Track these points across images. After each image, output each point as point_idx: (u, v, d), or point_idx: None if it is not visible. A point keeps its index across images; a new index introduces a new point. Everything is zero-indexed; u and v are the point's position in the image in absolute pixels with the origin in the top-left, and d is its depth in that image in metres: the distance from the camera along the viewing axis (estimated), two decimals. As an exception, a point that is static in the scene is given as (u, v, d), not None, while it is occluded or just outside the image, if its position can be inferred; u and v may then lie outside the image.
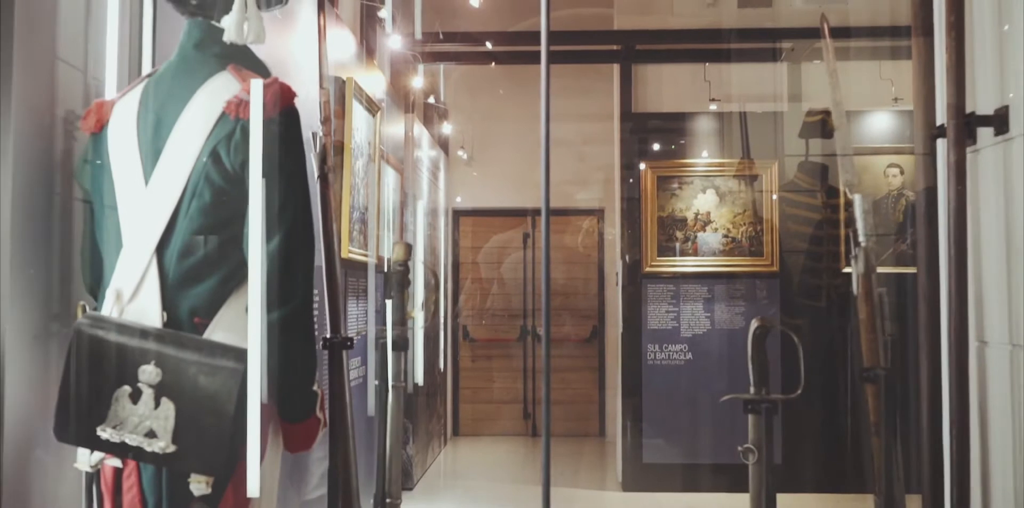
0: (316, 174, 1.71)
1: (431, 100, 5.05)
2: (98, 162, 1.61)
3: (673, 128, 4.89)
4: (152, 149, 1.56)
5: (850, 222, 1.63)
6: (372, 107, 3.82)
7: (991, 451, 1.65)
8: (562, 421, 6.10)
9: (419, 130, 5.01)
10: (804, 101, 4.56)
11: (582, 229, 6.34)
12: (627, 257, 4.87)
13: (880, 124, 4.73)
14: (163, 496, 1.48)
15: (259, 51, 1.70)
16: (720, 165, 4.80)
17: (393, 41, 4.14)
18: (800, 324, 4.42)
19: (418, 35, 3.78)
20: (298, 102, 1.57)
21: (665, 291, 4.86)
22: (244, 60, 1.63)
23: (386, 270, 4.00)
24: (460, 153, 5.98)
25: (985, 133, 1.65)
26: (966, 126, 1.59)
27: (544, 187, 2.55)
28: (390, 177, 4.26)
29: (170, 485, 1.47)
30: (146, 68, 1.94)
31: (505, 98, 5.43)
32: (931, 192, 1.69)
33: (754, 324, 1.62)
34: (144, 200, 1.54)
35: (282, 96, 1.53)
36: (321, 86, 1.86)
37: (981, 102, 1.67)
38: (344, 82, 3.41)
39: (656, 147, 4.91)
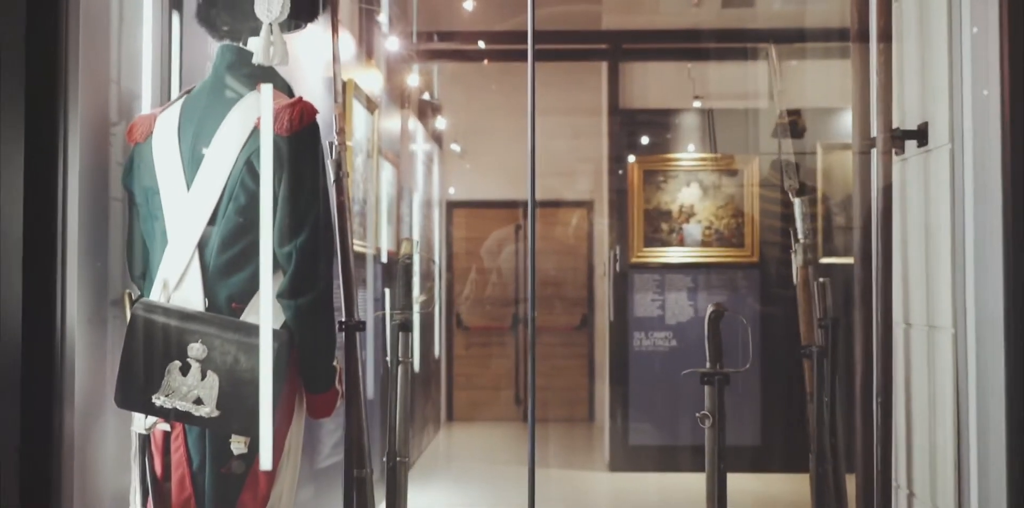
0: (332, 179, 2.00)
1: (426, 96, 5.32)
2: (143, 169, 1.89)
3: (658, 124, 5.18)
4: (192, 158, 1.85)
5: (792, 220, 1.91)
6: (370, 105, 4.10)
7: (913, 422, 1.95)
8: (552, 406, 6.41)
9: (414, 125, 5.29)
10: (788, 97, 4.84)
11: (572, 221, 6.63)
12: (617, 248, 5.17)
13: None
14: (206, 455, 1.78)
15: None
16: (703, 160, 5.09)
17: (390, 42, 4.41)
18: (775, 311, 4.72)
19: (414, 39, 4.06)
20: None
21: (651, 281, 5.16)
22: (271, 80, 1.91)
23: (384, 260, 4.29)
24: (454, 146, 6.26)
25: (911, 144, 1.94)
26: (893, 138, 1.89)
27: (530, 184, 2.82)
28: (387, 171, 4.54)
29: (212, 445, 1.77)
30: (175, 84, 2.22)
31: (497, 93, 5.69)
32: (865, 193, 1.98)
33: (710, 309, 1.92)
34: (186, 203, 1.83)
35: (304, 114, 1.82)
36: (336, 101, 2.14)
37: (909, 116, 1.97)
38: (345, 83, 3.68)
39: (642, 142, 5.20)
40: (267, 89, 1.83)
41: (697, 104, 5.09)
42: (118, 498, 1.90)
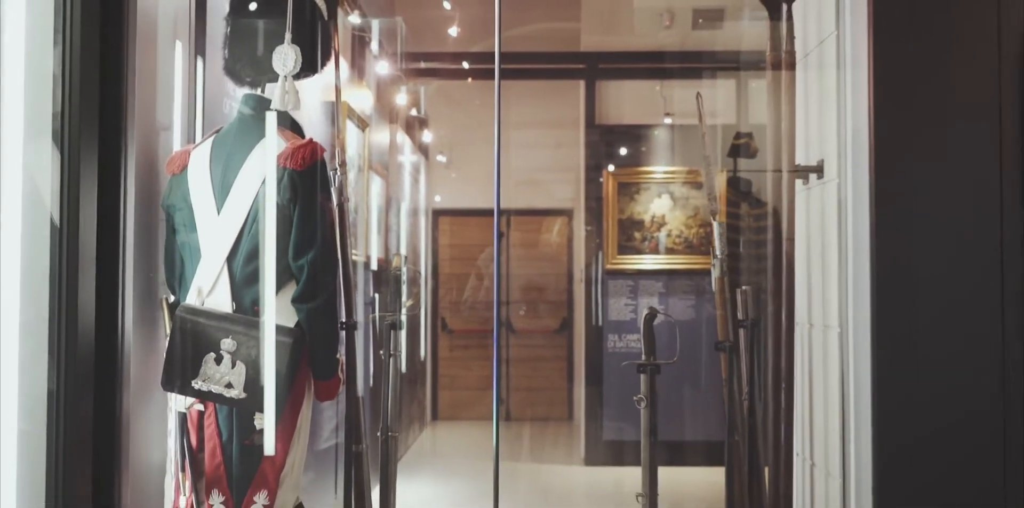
0: (335, 203, 2.47)
1: (413, 112, 5.80)
2: (180, 196, 2.36)
3: (632, 138, 5.67)
4: (222, 187, 2.32)
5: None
6: (362, 123, 4.57)
7: (814, 403, 2.44)
8: (532, 406, 6.88)
9: (402, 138, 5.76)
10: (745, 118, 5.33)
11: (554, 228, 7.10)
12: (600, 254, 5.65)
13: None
14: (234, 429, 2.24)
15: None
16: (673, 173, 5.58)
17: (380, 65, 4.88)
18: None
19: (401, 61, 4.54)
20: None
21: (624, 286, 5.64)
22: (287, 123, 2.38)
23: (374, 268, 4.75)
24: (439, 157, 6.74)
25: (814, 175, 2.43)
26: (797, 171, 2.37)
27: (496, 193, 3.28)
28: (376, 183, 5.00)
29: (239, 421, 2.23)
30: (199, 125, 2.69)
31: (480, 108, 6.16)
32: (776, 214, 2.46)
33: (645, 311, 2.40)
34: (217, 224, 2.30)
35: (314, 152, 2.29)
36: (337, 137, 2.61)
37: (812, 152, 2.45)
38: (340, 106, 4.15)
39: (617, 156, 5.69)
40: (271, 130, 2.29)
41: (667, 120, 5.58)
42: (155, 467, 2.36)
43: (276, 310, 2.25)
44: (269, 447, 2.21)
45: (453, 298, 6.96)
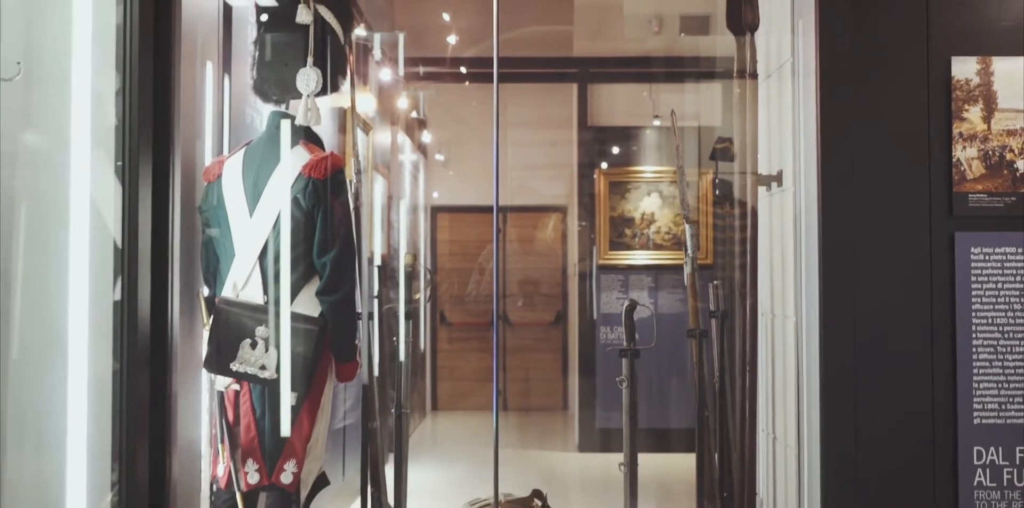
0: (352, 207, 2.83)
1: (414, 114, 6.16)
2: (215, 201, 2.72)
3: (622, 139, 6.04)
4: (253, 194, 2.68)
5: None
6: (366, 127, 4.94)
7: (776, 384, 2.81)
8: (528, 396, 7.26)
9: (402, 138, 6.12)
10: (728, 122, 5.70)
11: (549, 224, 7.47)
12: (594, 249, 6.02)
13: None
14: (266, 406, 2.61)
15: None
16: (662, 172, 5.95)
17: (382, 71, 5.24)
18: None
19: (402, 67, 4.90)
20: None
21: (615, 280, 6.02)
22: (309, 136, 2.74)
23: (378, 263, 5.12)
24: (438, 156, 7.10)
25: (775, 184, 2.80)
26: (760, 179, 2.74)
27: (495, 190, 3.64)
28: (379, 182, 5.37)
29: (270, 399, 2.60)
30: (226, 136, 3.04)
31: (477, 109, 6.53)
32: (743, 217, 2.83)
33: (625, 303, 2.77)
34: (249, 226, 2.66)
35: (333, 164, 2.65)
36: (353, 153, 2.97)
37: (773, 162, 2.82)
38: (346, 111, 4.51)
39: (608, 156, 6.06)
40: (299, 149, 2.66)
41: (656, 123, 5.95)
42: (194, 439, 2.73)
43: (302, 302, 2.62)
44: (286, 428, 2.59)
45: (453, 292, 7.32)
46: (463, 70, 5.73)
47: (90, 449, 2.27)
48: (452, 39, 5.36)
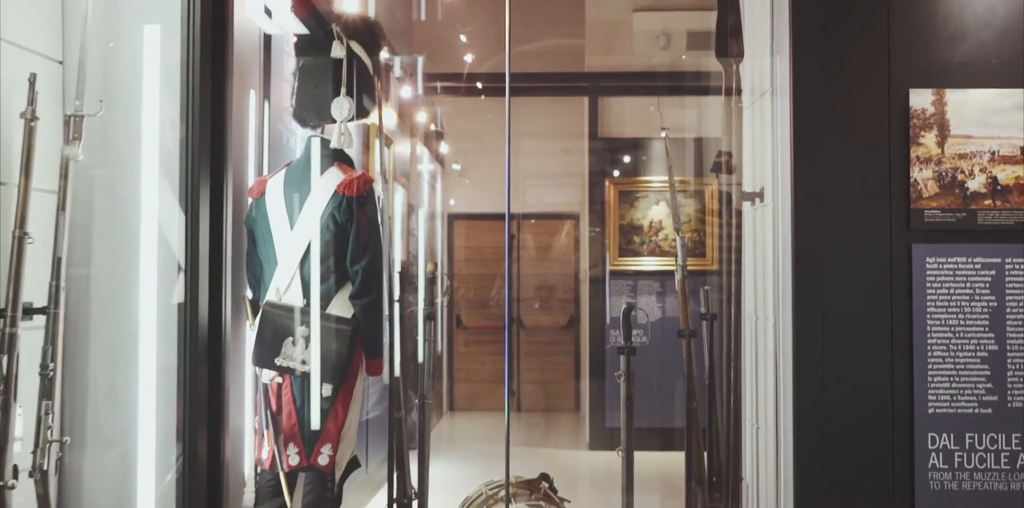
0: (381, 221, 3.24)
1: (431, 126, 6.58)
2: (260, 215, 3.13)
3: (631, 150, 6.43)
4: (294, 209, 3.09)
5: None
6: (387, 141, 5.35)
7: (758, 378, 3.20)
8: (542, 398, 7.66)
9: (420, 149, 6.53)
10: (728, 136, 6.08)
11: (562, 231, 7.87)
12: (607, 256, 6.41)
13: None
14: (305, 397, 3.02)
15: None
16: (669, 182, 6.33)
17: (402, 87, 5.65)
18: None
19: (420, 91, 5.32)
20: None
21: (625, 285, 6.41)
22: (343, 158, 3.15)
23: (398, 269, 5.53)
24: (455, 166, 7.52)
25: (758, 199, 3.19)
26: (745, 195, 3.13)
27: (507, 198, 4.04)
28: (399, 192, 5.78)
29: (309, 391, 3.01)
30: (266, 156, 3.46)
31: (491, 121, 6.94)
32: (734, 229, 3.22)
33: (624, 306, 3.16)
34: (291, 238, 3.07)
35: (365, 182, 3.06)
36: (382, 174, 3.38)
37: (757, 179, 3.21)
38: (369, 127, 4.93)
39: (617, 166, 6.45)
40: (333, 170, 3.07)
41: (663, 134, 6.33)
42: (239, 427, 3.14)
43: (337, 305, 3.03)
44: (316, 421, 3.00)
45: (469, 297, 7.73)
46: (479, 85, 6.14)
47: (158, 432, 2.69)
48: (468, 57, 5.77)
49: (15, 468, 2.39)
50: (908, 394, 2.76)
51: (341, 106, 3.13)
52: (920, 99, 2.78)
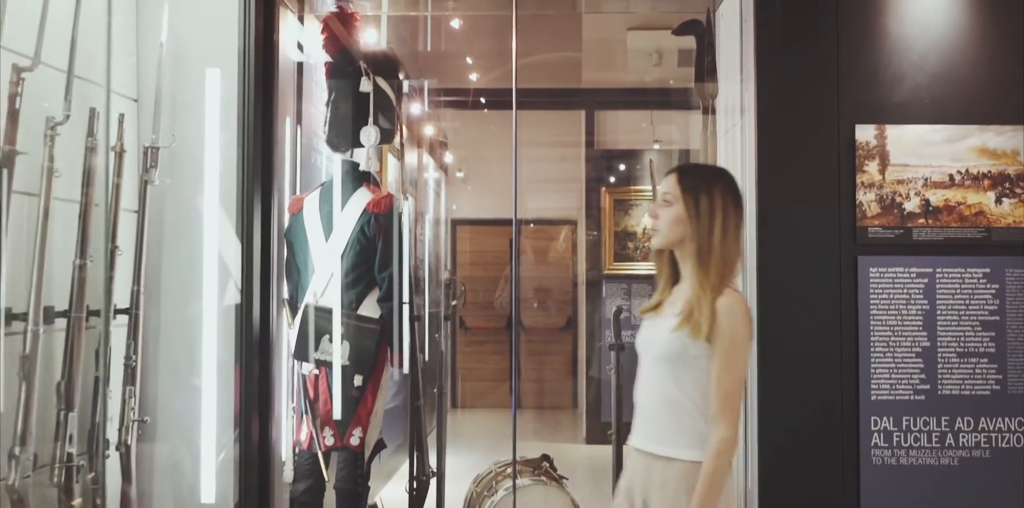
0: (407, 235, 3.81)
1: (438, 138, 7.16)
2: (298, 229, 3.70)
3: (625, 160, 7.01)
4: (328, 224, 3.67)
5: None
6: (398, 154, 5.92)
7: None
8: (541, 396, 8.24)
9: (426, 158, 7.11)
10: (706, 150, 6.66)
11: (560, 236, 8.45)
12: (604, 260, 6.98)
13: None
14: (342, 386, 3.59)
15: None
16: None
17: (411, 103, 6.23)
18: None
19: (427, 107, 5.89)
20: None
21: (619, 289, 6.98)
22: (370, 179, 3.73)
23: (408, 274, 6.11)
24: (458, 174, 8.10)
25: (731, 215, 3.76)
26: (719, 213, 3.70)
27: (514, 205, 4.62)
28: (408, 201, 6.34)
29: (343, 381, 3.58)
30: (299, 176, 4.03)
31: (494, 132, 7.52)
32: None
33: (615, 308, 3.73)
34: (326, 249, 3.64)
35: (391, 201, 3.64)
36: (404, 192, 3.95)
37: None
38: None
39: (612, 175, 7.03)
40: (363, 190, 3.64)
41: (656, 146, 6.92)
42: (279, 414, 3.71)
43: (366, 307, 3.60)
44: (349, 408, 3.56)
45: (472, 299, 8.31)
46: (483, 100, 6.72)
47: (218, 415, 3.26)
48: (473, 76, 6.34)
49: (107, 442, 2.97)
50: (854, 384, 3.34)
51: (369, 134, 3.70)
52: (864, 133, 3.36)
